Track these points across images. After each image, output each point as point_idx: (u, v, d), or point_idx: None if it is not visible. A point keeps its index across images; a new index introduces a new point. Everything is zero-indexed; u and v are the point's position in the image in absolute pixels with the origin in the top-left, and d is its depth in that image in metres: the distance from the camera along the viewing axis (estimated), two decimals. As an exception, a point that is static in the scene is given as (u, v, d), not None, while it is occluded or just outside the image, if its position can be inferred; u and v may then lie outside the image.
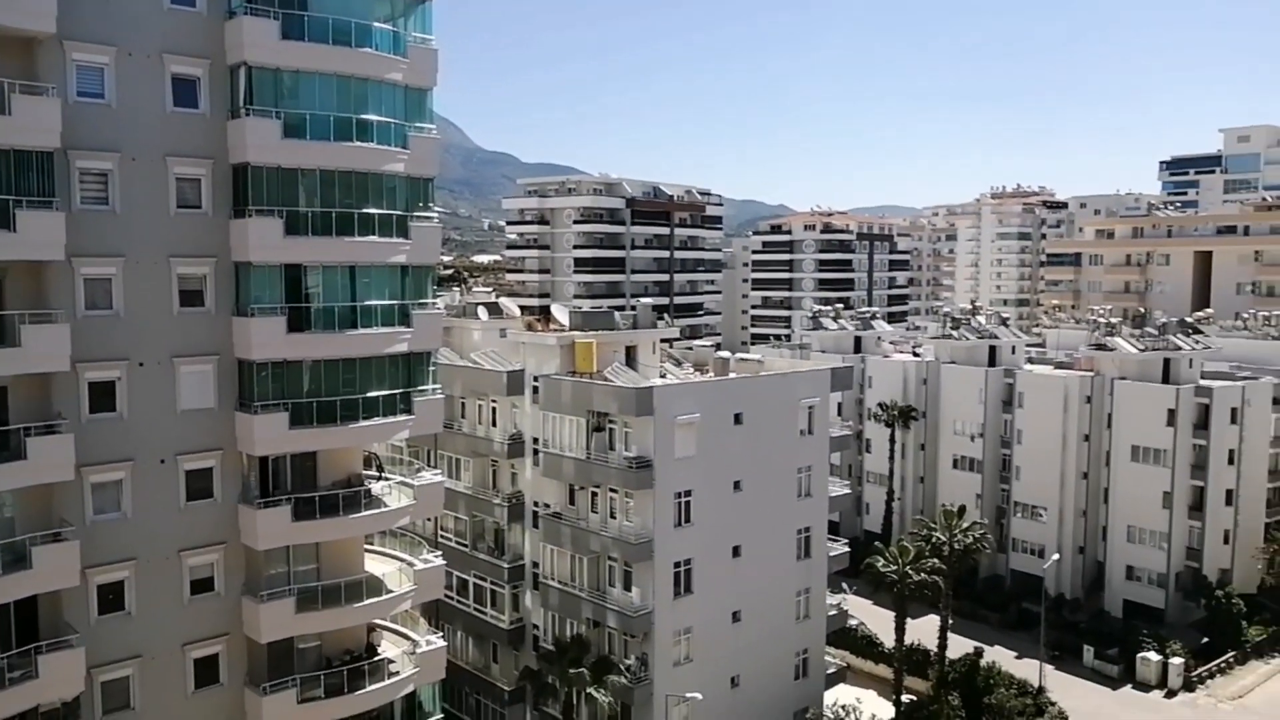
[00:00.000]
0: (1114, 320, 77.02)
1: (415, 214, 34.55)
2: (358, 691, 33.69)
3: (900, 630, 53.53)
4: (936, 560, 53.70)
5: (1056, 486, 70.91)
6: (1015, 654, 61.97)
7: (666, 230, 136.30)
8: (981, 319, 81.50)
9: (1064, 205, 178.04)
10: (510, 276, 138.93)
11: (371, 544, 38.03)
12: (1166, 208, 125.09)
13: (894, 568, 52.27)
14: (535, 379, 47.87)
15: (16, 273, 28.18)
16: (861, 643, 60.50)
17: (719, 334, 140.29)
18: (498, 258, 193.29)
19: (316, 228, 32.14)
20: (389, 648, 36.65)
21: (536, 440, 48.11)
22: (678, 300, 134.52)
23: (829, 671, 51.43)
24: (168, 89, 30.37)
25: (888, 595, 54.90)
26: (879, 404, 79.55)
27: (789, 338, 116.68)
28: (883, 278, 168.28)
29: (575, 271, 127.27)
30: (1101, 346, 71.78)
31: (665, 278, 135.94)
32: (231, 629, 32.73)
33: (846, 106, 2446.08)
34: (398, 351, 34.21)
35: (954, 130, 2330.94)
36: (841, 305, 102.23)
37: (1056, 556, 67.46)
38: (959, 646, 57.71)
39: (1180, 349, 69.01)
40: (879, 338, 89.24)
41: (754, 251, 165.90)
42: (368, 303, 33.50)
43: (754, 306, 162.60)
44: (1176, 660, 59.19)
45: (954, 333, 78.95)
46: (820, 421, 49.38)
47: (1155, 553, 66.89)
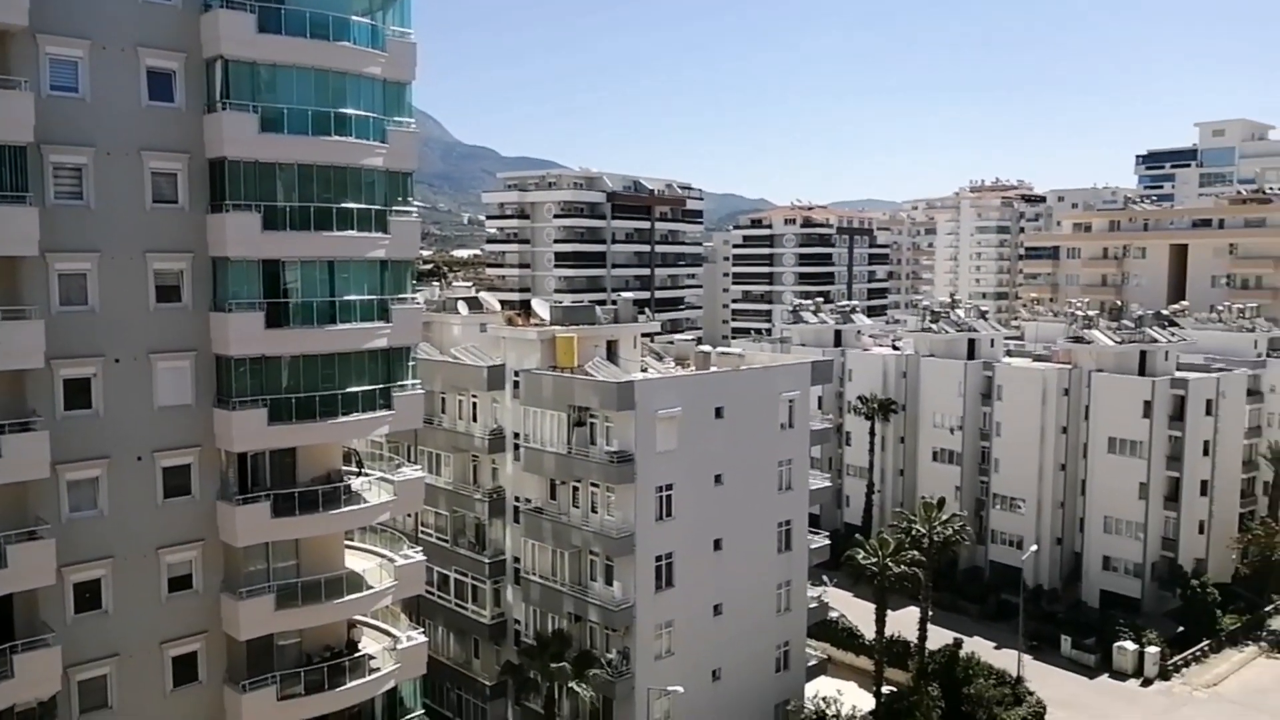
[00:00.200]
0: (1091, 313, 77.67)
1: (394, 208, 34.43)
2: (338, 688, 33.65)
3: (880, 622, 53.87)
4: (916, 552, 54.05)
5: (1035, 478, 71.51)
6: (994, 644, 62.51)
7: (647, 224, 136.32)
8: (960, 312, 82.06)
9: (1042, 199, 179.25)
10: (490, 271, 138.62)
11: (352, 540, 37.90)
12: (1143, 201, 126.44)
13: (874, 560, 52.57)
14: (516, 374, 47.78)
15: (-10, 268, 27.89)
16: (842, 635, 60.80)
17: (700, 328, 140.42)
18: (477, 252, 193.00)
19: (295, 222, 31.97)
20: (370, 644, 36.58)
21: (517, 435, 48.05)
22: (659, 294, 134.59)
23: (810, 664, 51.67)
24: (143, 83, 30.14)
25: (868, 587, 55.18)
26: (859, 397, 79.87)
27: (769, 331, 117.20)
28: (862, 271, 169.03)
29: (556, 266, 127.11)
30: (1079, 339, 72.45)
31: (646, 272, 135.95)
32: (210, 626, 32.57)
33: (827, 101, 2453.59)
34: (377, 347, 34.09)
35: (933, 125, 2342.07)
36: (822, 299, 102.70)
37: (1035, 548, 68.06)
38: (939, 638, 58.13)
39: (1156, 341, 69.76)
40: (859, 331, 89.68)
41: (734, 245, 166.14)
42: (347, 298, 33.36)
43: (735, 300, 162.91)
44: (1152, 649, 59.87)
45: (933, 326, 79.45)
46: (801, 415, 49.55)
47: (1131, 543, 67.58)
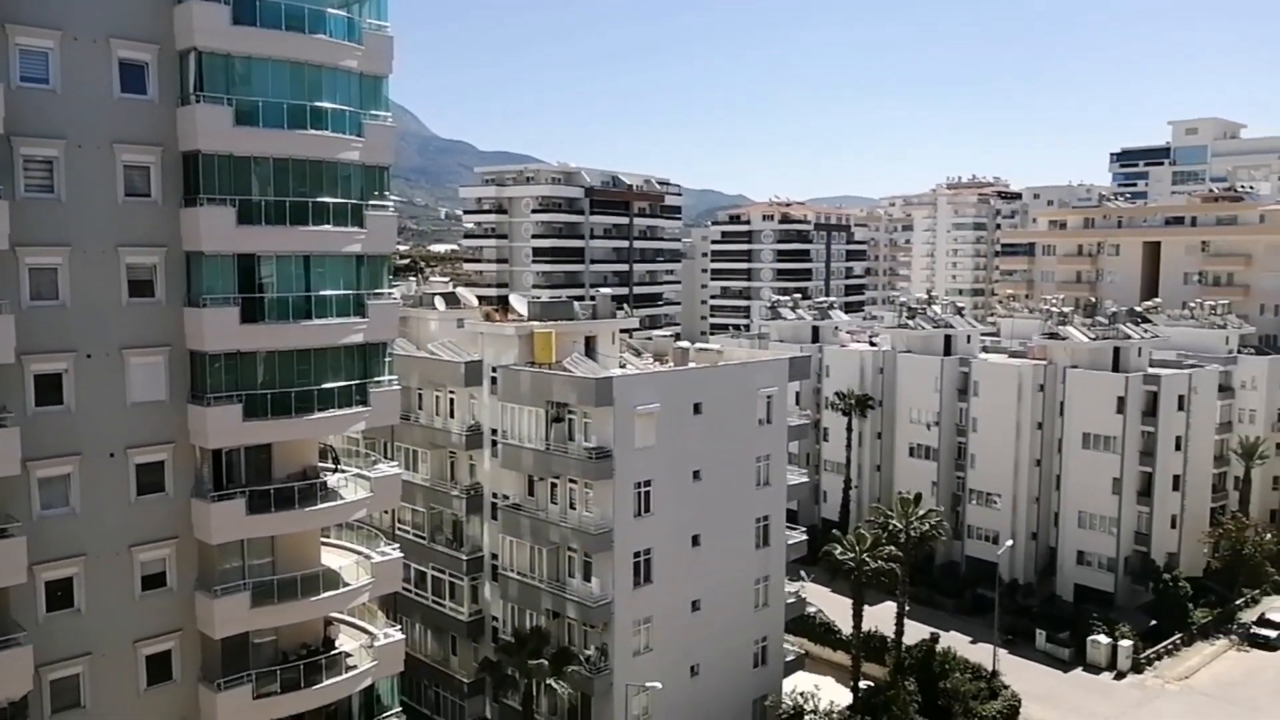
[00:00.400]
0: (1066, 310, 78.33)
1: (370, 203, 34.16)
2: (314, 686, 33.43)
3: (858, 617, 54.14)
4: (893, 547, 54.34)
5: (1010, 474, 72.04)
6: (970, 639, 62.95)
7: (626, 220, 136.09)
8: (937, 308, 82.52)
9: (1018, 196, 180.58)
10: (468, 266, 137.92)
11: (328, 537, 37.66)
12: (1117, 199, 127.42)
13: (851, 555, 52.82)
14: (493, 369, 47.62)
15: (-42, 263, 27.45)
16: (820, 630, 61.03)
17: (678, 324, 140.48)
18: (455, 247, 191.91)
19: (270, 217, 31.69)
20: (347, 641, 36.35)
21: (495, 431, 47.89)
22: (637, 290, 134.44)
23: (787, 659, 51.89)
24: (115, 74, 29.73)
25: (845, 582, 55.44)
26: (836, 393, 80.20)
27: (748, 327, 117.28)
28: (840, 268, 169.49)
29: (534, 261, 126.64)
30: (1054, 335, 73.01)
31: (624, 267, 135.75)
32: (185, 625, 32.26)
33: (805, 97, 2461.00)
34: (353, 342, 33.84)
35: (911, 122, 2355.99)
36: (799, 295, 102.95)
37: (1010, 543, 68.61)
38: (915, 632, 58.49)
39: (1130, 338, 70.37)
40: (836, 327, 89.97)
41: (713, 241, 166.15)
42: (323, 293, 33.08)
43: (713, 296, 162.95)
44: (1125, 643, 60.46)
45: (910, 322, 79.86)
46: (778, 411, 49.68)
47: (1105, 538, 68.24)
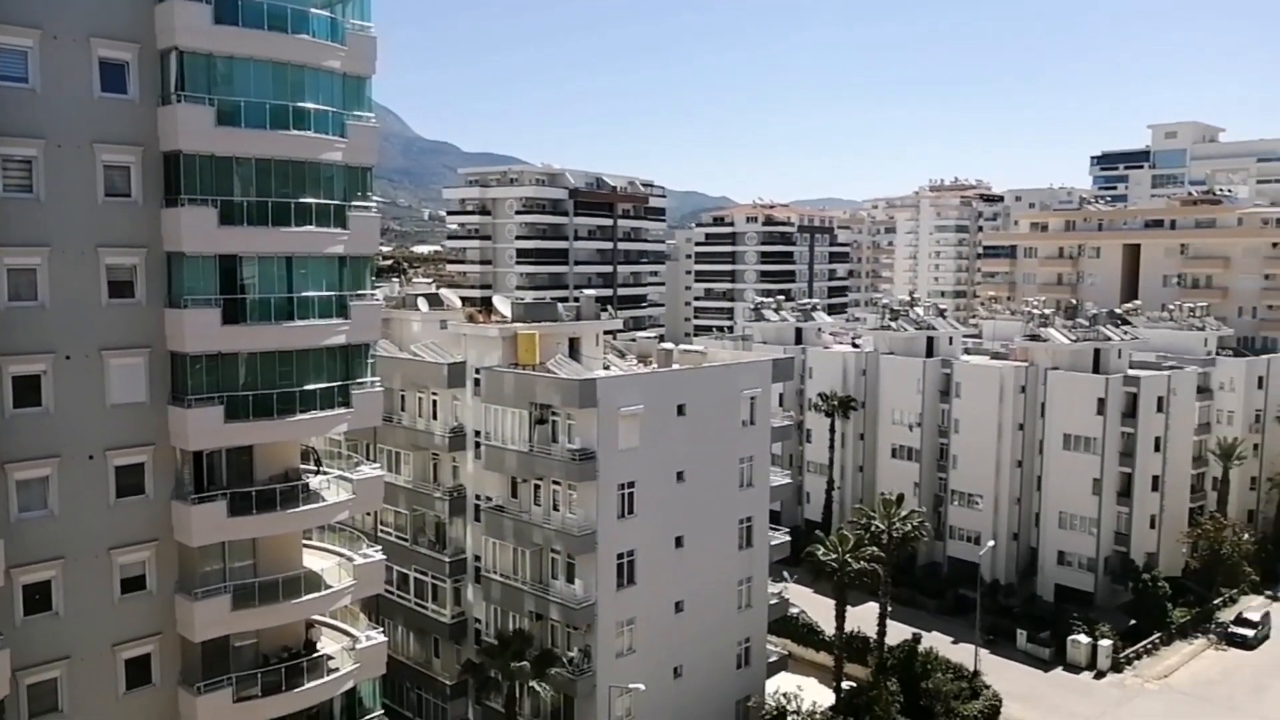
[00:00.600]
0: (1047, 312, 78.81)
1: (353, 204, 34.04)
2: (296, 689, 33.26)
3: (840, 618, 54.31)
4: (875, 548, 54.55)
5: (992, 475, 72.44)
6: (952, 639, 63.25)
7: (610, 221, 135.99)
8: (919, 310, 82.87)
9: (1000, 198, 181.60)
10: (451, 267, 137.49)
11: (310, 539, 37.48)
12: (1097, 202, 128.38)
13: (834, 556, 52.98)
14: (477, 371, 47.51)
15: (-65, 263, 27.22)
16: (802, 631, 61.17)
17: (662, 325, 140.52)
18: (438, 248, 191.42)
19: (252, 217, 31.51)
20: (328, 644, 36.20)
21: (478, 433, 47.79)
22: (621, 291, 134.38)
23: (770, 660, 51.98)
24: (95, 74, 29.53)
25: (828, 583, 55.60)
26: (819, 394, 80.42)
27: (731, 329, 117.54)
28: (823, 269, 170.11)
29: (517, 262, 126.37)
30: (1035, 337, 73.48)
31: (608, 269, 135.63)
32: (164, 628, 32.04)
33: (789, 99, 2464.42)
34: (335, 343, 33.71)
35: (894, 125, 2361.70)
36: (783, 297, 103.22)
37: (992, 543, 68.99)
38: (898, 633, 58.72)
39: (1110, 340, 70.90)
40: (819, 329, 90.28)
41: (697, 243, 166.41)
42: (305, 294, 32.92)
43: (697, 298, 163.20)
44: (1105, 642, 60.90)
45: (892, 324, 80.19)
46: (762, 412, 49.78)
47: (1085, 538, 68.71)
